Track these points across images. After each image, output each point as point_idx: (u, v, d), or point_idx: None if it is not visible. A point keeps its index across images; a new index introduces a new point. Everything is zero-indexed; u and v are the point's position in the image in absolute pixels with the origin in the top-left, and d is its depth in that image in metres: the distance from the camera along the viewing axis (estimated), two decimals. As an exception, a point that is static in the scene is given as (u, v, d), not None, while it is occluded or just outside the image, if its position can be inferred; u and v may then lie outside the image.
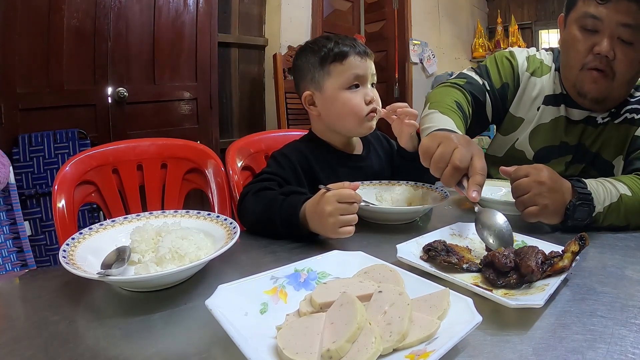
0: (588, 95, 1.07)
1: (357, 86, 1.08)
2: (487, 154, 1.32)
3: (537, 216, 0.87)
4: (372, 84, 1.12)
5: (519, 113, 1.24)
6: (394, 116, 1.09)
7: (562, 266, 0.65)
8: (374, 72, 1.12)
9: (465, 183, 0.83)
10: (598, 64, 1.02)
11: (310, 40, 1.17)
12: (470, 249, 0.76)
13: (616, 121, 1.12)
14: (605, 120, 1.13)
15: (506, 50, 1.29)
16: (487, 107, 1.22)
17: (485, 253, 0.72)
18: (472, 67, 1.29)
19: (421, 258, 0.72)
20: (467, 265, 0.69)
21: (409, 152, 1.13)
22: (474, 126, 1.21)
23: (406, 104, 1.09)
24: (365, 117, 1.08)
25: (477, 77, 1.23)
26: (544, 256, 0.66)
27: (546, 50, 1.28)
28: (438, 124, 1.01)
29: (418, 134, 1.13)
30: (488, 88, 1.22)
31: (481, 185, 0.81)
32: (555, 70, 1.21)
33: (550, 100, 1.19)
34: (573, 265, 0.67)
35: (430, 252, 0.71)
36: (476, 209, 0.83)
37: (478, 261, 0.70)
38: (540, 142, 1.21)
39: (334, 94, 1.08)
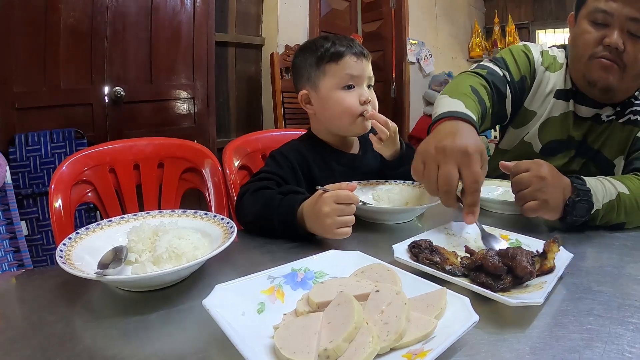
0: (598, 84, 1.07)
1: (351, 87, 1.08)
2: (498, 148, 1.33)
3: (536, 211, 0.87)
4: (369, 86, 1.12)
5: (532, 107, 1.23)
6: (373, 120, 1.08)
7: (549, 267, 0.66)
8: (371, 74, 1.12)
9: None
10: (608, 54, 1.03)
11: (310, 40, 1.18)
12: (458, 254, 0.74)
13: (620, 121, 1.13)
14: (610, 118, 1.14)
15: (520, 44, 1.28)
16: (508, 99, 1.20)
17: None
18: (489, 59, 1.27)
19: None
20: (450, 267, 0.67)
21: (389, 161, 1.13)
22: (492, 119, 1.19)
23: (385, 120, 1.06)
24: (359, 116, 1.08)
25: (497, 69, 1.20)
26: (530, 256, 0.66)
27: (558, 47, 1.28)
28: (442, 108, 0.96)
29: (402, 142, 1.13)
30: (508, 79, 1.19)
31: (474, 205, 0.78)
32: (566, 66, 1.21)
33: (562, 94, 1.19)
34: (568, 264, 0.68)
35: (414, 250, 0.71)
36: (480, 230, 0.82)
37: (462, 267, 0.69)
38: (549, 135, 1.21)
39: (329, 94, 1.08)
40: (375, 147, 1.10)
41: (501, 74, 1.19)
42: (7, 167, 1.75)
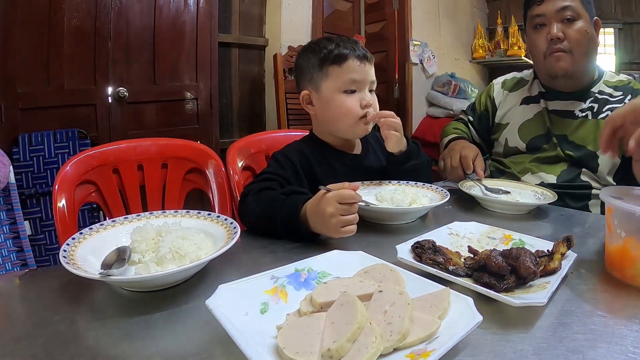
0: (558, 74, 1.26)
1: (353, 91, 1.08)
2: (492, 158, 1.53)
3: None
4: (371, 91, 1.11)
5: (504, 120, 1.47)
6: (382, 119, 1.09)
7: (553, 267, 0.66)
8: (374, 78, 1.11)
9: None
10: (555, 47, 1.22)
11: (313, 41, 1.17)
12: (461, 255, 0.74)
13: (599, 117, 1.25)
14: (585, 114, 1.27)
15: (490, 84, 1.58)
16: (472, 131, 1.56)
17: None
18: (462, 110, 1.64)
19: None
20: (454, 267, 0.67)
21: (397, 156, 1.13)
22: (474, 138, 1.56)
23: (391, 113, 1.08)
24: (359, 119, 1.08)
25: (463, 117, 1.61)
26: (534, 256, 0.66)
27: (528, 69, 1.51)
28: (445, 140, 1.47)
29: (407, 137, 1.15)
30: (471, 119, 1.57)
31: (481, 168, 1.23)
32: (533, 78, 1.44)
33: (530, 99, 1.41)
34: (571, 264, 0.67)
35: (417, 250, 0.71)
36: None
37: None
38: (528, 134, 1.38)
39: (330, 96, 1.08)
40: (389, 147, 1.10)
41: (466, 119, 1.59)
42: (11, 167, 1.75)
